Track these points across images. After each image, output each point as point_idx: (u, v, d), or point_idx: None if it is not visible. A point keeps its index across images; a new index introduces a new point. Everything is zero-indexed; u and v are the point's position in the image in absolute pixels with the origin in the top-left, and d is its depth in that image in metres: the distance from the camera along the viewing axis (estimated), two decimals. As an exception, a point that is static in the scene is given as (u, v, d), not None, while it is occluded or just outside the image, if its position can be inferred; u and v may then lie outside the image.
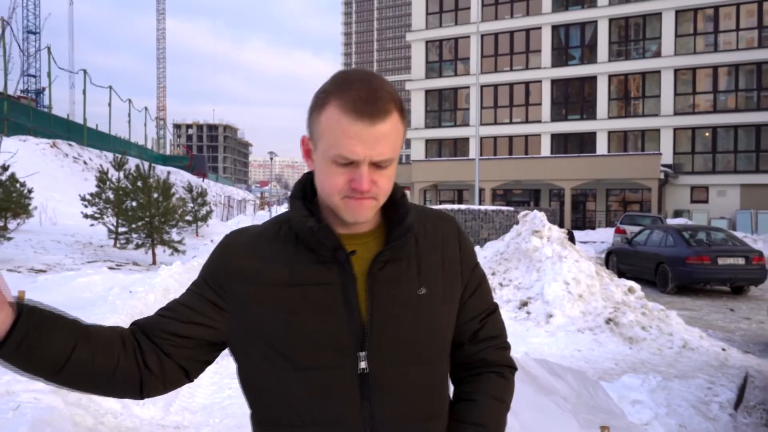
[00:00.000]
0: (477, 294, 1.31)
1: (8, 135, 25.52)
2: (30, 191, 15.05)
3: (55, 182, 24.51)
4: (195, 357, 1.22)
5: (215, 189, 50.85)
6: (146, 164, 16.76)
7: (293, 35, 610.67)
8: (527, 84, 37.37)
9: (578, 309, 8.45)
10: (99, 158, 33.15)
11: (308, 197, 1.24)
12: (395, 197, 1.23)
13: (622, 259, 15.75)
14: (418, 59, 40.12)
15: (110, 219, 16.78)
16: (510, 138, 37.96)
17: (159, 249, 15.54)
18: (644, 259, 14.45)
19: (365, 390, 1.16)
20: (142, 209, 15.26)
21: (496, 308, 1.36)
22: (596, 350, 7.51)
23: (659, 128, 34.01)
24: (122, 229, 16.12)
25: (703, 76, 33.66)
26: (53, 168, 26.64)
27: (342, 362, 1.15)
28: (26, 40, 62.91)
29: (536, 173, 32.79)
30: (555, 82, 36.61)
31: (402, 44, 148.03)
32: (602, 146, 35.22)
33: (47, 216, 18.57)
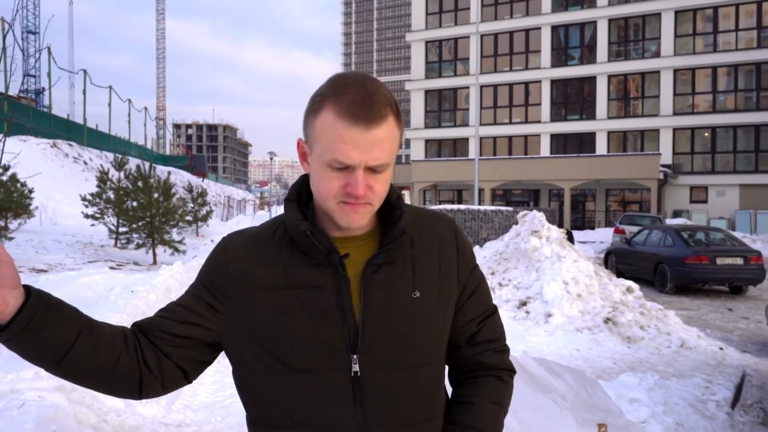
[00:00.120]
0: (474, 296, 1.30)
1: (8, 135, 25.54)
2: (31, 191, 15.10)
3: (56, 182, 24.55)
4: (193, 357, 1.23)
5: (215, 189, 50.88)
6: (147, 164, 16.81)
7: (293, 35, 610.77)
8: (527, 84, 37.42)
9: (577, 308, 8.50)
10: (99, 158, 33.20)
11: (303, 200, 1.24)
12: (391, 200, 1.22)
13: (621, 259, 15.80)
14: (418, 59, 40.16)
15: (111, 219, 16.82)
16: (509, 138, 38.01)
17: (160, 249, 15.58)
18: (643, 259, 14.50)
19: (358, 393, 1.16)
20: (143, 209, 15.30)
21: (495, 311, 1.35)
22: (595, 349, 7.55)
23: (658, 128, 34.07)
24: (123, 229, 16.18)
25: (703, 77, 33.72)
26: (53, 168, 26.68)
27: (335, 365, 1.15)
28: (26, 40, 62.93)
29: (536, 173, 32.84)
30: (554, 83, 36.66)
31: (402, 44, 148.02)
32: (602, 146, 35.27)
33: (47, 216, 18.61)
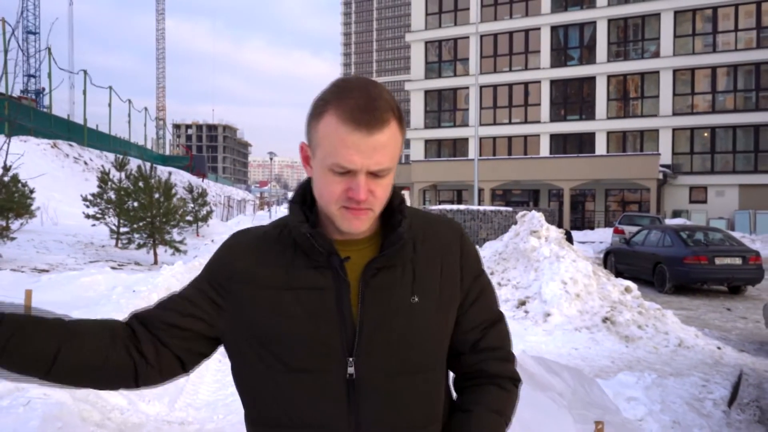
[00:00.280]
0: (478, 303, 1.28)
1: (9, 135, 25.55)
2: (32, 192, 15.14)
3: (56, 183, 24.59)
4: (192, 349, 1.25)
5: (215, 189, 50.92)
6: (148, 165, 16.87)
7: (293, 35, 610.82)
8: (526, 84, 37.46)
9: (575, 308, 8.55)
10: (99, 158, 33.25)
11: (308, 202, 1.24)
12: (393, 204, 1.22)
13: (621, 259, 15.84)
14: (418, 60, 40.21)
15: (112, 219, 16.87)
16: (509, 138, 38.05)
17: (160, 249, 15.63)
18: (642, 259, 14.54)
19: (353, 395, 1.16)
20: (144, 209, 15.36)
21: (501, 319, 1.32)
22: (593, 348, 7.61)
23: (658, 128, 34.11)
24: (124, 230, 16.24)
25: (702, 77, 33.76)
26: (54, 168, 26.72)
27: (331, 367, 1.16)
28: (26, 41, 63.01)
29: (535, 173, 32.88)
30: (554, 83, 36.71)
31: (401, 44, 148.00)
32: (601, 146, 35.32)
33: (48, 216, 18.64)
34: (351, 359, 1.16)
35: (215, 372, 5.58)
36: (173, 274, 8.85)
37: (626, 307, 8.53)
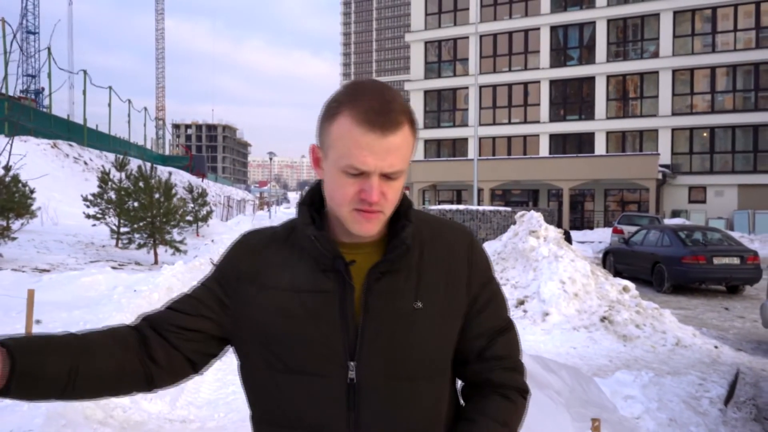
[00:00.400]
0: (486, 311, 1.26)
1: (9, 136, 25.60)
2: (32, 192, 15.17)
3: (56, 183, 24.61)
4: (202, 350, 1.25)
5: (214, 189, 50.95)
6: (148, 165, 16.91)
7: (292, 35, 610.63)
8: (526, 84, 37.51)
9: (574, 307, 8.60)
10: (99, 158, 33.27)
11: (316, 204, 1.24)
12: (400, 209, 1.22)
13: (619, 259, 15.88)
14: (417, 60, 40.25)
15: (112, 219, 16.90)
16: (509, 138, 38.10)
17: (161, 249, 15.67)
18: (641, 259, 14.58)
19: (353, 399, 1.16)
20: (144, 209, 15.39)
21: (510, 327, 1.30)
22: (591, 347, 7.66)
23: (657, 128, 34.16)
24: (124, 229, 16.27)
25: (701, 77, 33.81)
26: (54, 168, 26.74)
27: (332, 370, 1.16)
28: (26, 41, 63.00)
29: (535, 173, 32.93)
30: (553, 83, 36.76)
31: (401, 44, 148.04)
32: (600, 146, 35.37)
33: (49, 216, 18.67)
34: (352, 363, 1.15)
35: (216, 371, 5.63)
36: (173, 274, 8.91)
37: (624, 307, 8.57)
